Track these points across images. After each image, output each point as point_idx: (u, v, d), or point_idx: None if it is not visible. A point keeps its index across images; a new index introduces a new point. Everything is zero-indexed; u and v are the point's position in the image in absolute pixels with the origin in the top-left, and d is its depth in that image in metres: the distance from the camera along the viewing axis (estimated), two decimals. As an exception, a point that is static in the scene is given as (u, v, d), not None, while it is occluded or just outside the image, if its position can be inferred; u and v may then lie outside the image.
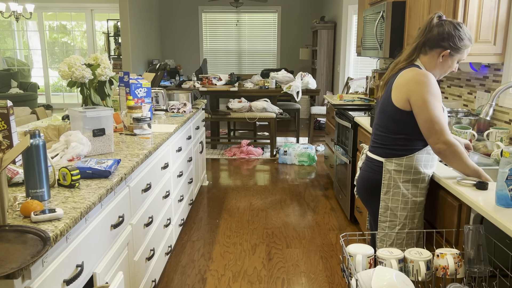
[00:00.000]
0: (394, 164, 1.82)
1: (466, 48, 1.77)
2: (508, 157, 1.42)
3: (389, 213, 1.86)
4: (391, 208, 1.85)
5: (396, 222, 1.85)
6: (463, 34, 1.75)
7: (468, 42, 1.77)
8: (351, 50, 7.00)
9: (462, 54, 1.77)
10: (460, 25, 1.76)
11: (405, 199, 1.83)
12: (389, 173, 1.83)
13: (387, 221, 1.87)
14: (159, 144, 2.38)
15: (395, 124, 1.80)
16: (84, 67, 2.55)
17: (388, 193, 1.85)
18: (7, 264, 1.05)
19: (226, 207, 3.90)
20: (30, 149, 1.40)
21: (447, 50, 1.75)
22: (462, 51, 1.76)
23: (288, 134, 7.11)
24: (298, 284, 2.66)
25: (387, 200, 1.85)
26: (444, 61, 1.78)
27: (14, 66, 9.82)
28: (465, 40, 1.75)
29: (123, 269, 1.83)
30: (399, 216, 1.84)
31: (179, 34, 9.14)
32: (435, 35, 1.75)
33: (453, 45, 1.74)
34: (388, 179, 1.83)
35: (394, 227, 1.86)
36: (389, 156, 1.83)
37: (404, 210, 1.83)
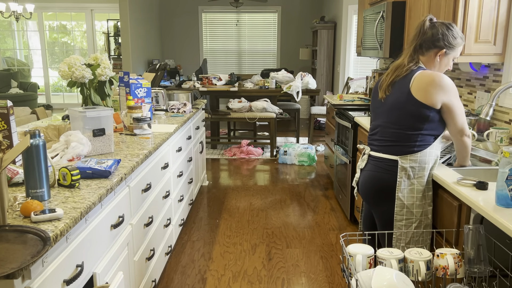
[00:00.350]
0: (409, 160, 1.85)
1: (459, 46, 1.88)
2: (508, 157, 1.42)
3: (405, 211, 1.87)
4: (407, 206, 1.87)
5: (412, 219, 1.87)
6: (455, 33, 1.85)
7: (460, 40, 1.88)
8: (351, 50, 7.00)
9: (456, 52, 1.88)
10: (451, 25, 1.87)
11: (420, 195, 1.86)
12: (404, 171, 1.85)
13: (403, 219, 1.88)
14: (159, 144, 2.38)
15: (414, 119, 1.84)
16: (84, 67, 2.55)
17: (404, 191, 1.87)
18: (7, 264, 1.05)
19: (226, 207, 3.90)
20: (30, 149, 1.40)
21: (443, 50, 1.85)
22: (456, 49, 1.87)
23: (288, 134, 7.11)
24: (298, 284, 2.66)
25: (403, 198, 1.87)
26: (441, 61, 1.88)
27: (14, 66, 9.82)
28: (458, 39, 1.86)
29: (123, 269, 1.82)
30: (415, 213, 1.87)
31: (179, 34, 9.14)
32: (430, 36, 1.85)
33: (448, 44, 1.85)
34: (403, 176, 1.86)
35: (410, 225, 1.88)
36: (403, 154, 1.86)
37: (420, 206, 1.86)
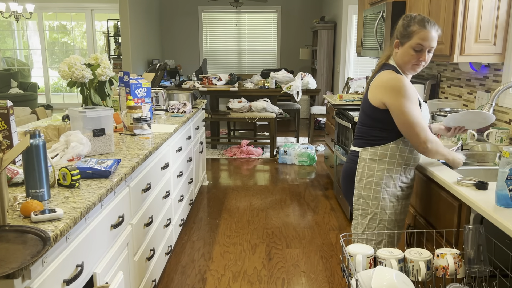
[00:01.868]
0: (369, 152, 1.86)
1: (416, 32, 1.75)
2: (508, 157, 1.42)
3: (361, 201, 1.89)
4: (363, 197, 1.88)
5: (367, 211, 1.88)
6: (409, 21, 1.78)
7: (416, 26, 1.76)
8: (351, 50, 7.00)
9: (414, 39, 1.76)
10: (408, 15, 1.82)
11: (378, 188, 1.85)
12: (363, 162, 1.87)
13: (359, 209, 1.91)
14: (159, 144, 2.38)
15: (369, 119, 1.87)
16: (84, 67, 2.55)
17: (361, 182, 1.88)
18: (7, 264, 1.05)
19: (226, 207, 3.90)
20: (30, 149, 1.40)
21: (396, 40, 1.82)
22: (411, 36, 1.76)
23: (288, 134, 7.11)
24: (298, 284, 2.66)
25: (360, 189, 1.89)
26: (399, 52, 1.81)
27: (14, 66, 9.82)
28: (412, 26, 1.77)
29: (123, 269, 1.82)
30: (371, 205, 1.87)
31: (179, 34, 9.14)
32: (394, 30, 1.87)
33: (399, 33, 1.81)
34: (362, 167, 1.87)
35: (365, 215, 1.89)
36: (365, 146, 1.88)
37: (376, 199, 1.86)
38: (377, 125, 1.85)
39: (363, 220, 1.90)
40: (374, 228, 1.87)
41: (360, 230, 1.91)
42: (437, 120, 2.54)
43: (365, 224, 1.89)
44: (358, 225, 1.93)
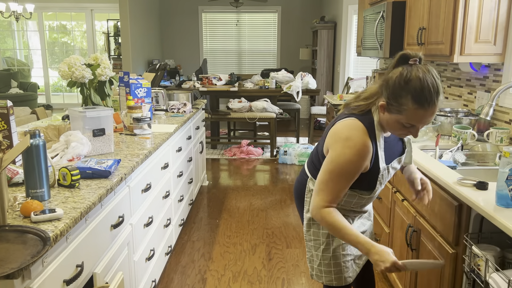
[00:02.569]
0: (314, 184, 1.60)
1: (409, 111, 1.31)
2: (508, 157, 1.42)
3: (312, 231, 1.68)
4: (313, 226, 1.68)
5: (319, 241, 1.67)
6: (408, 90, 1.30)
7: (410, 104, 1.30)
8: (351, 50, 7.00)
9: (404, 117, 1.34)
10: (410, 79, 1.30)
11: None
12: (310, 191, 1.67)
13: (311, 239, 1.70)
14: (159, 144, 2.38)
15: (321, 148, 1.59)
16: (84, 67, 2.55)
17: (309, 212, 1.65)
18: (7, 264, 1.05)
19: (226, 207, 3.90)
20: (30, 149, 1.40)
21: (382, 102, 1.39)
22: (401, 112, 1.33)
23: (288, 134, 7.11)
24: (298, 284, 2.66)
25: (310, 219, 1.68)
26: (385, 117, 1.41)
27: (14, 66, 9.82)
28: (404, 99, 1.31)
29: (123, 269, 1.82)
30: (321, 235, 1.66)
31: (179, 34, 9.14)
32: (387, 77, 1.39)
33: (389, 97, 1.35)
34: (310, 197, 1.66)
35: (318, 246, 1.68)
36: (313, 175, 1.64)
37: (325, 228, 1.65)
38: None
39: (316, 251, 1.69)
40: (330, 258, 1.66)
41: (316, 262, 1.70)
42: (437, 120, 2.54)
43: (320, 256, 1.68)
44: (313, 257, 1.72)
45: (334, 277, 1.69)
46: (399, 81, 1.32)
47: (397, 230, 2.29)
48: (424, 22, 2.81)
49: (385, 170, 1.52)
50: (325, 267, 1.69)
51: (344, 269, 1.69)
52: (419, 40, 2.86)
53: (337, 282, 1.70)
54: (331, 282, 1.71)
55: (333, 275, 1.69)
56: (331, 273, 1.69)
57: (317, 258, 1.70)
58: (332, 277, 1.69)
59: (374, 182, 1.51)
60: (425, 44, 2.79)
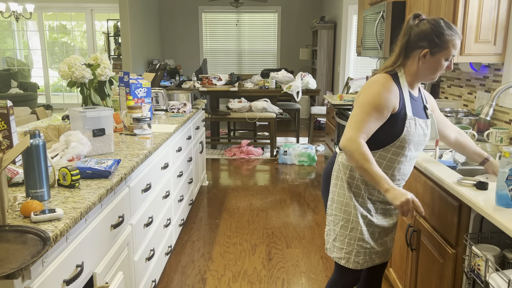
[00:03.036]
0: (344, 157, 1.73)
1: (449, 42, 1.60)
2: (508, 157, 1.42)
3: (334, 207, 1.77)
4: (336, 201, 1.76)
5: (340, 217, 1.75)
6: (441, 28, 1.60)
7: (450, 36, 1.60)
8: (351, 50, 7.00)
9: (448, 50, 1.61)
10: (436, 21, 1.63)
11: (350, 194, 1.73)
12: (338, 165, 1.76)
13: (332, 214, 1.78)
14: (159, 144, 2.38)
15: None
16: (84, 67, 2.55)
17: (336, 185, 1.77)
18: (7, 264, 1.05)
19: (226, 207, 3.90)
20: (30, 149, 1.40)
21: (426, 49, 1.62)
22: (445, 46, 1.61)
23: (288, 134, 7.11)
24: (298, 284, 2.66)
25: (334, 193, 1.77)
26: (427, 62, 1.64)
27: (14, 66, 9.83)
28: (446, 35, 1.60)
29: (123, 269, 1.82)
30: (343, 211, 1.74)
31: (179, 34, 9.14)
32: (413, 36, 1.64)
33: (431, 43, 1.61)
34: (338, 171, 1.76)
35: (337, 222, 1.76)
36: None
37: (348, 205, 1.73)
38: None
39: (334, 226, 1.77)
40: (345, 236, 1.74)
41: (332, 237, 1.79)
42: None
43: (337, 231, 1.76)
44: (330, 232, 1.80)
45: (343, 256, 1.75)
46: (434, 27, 1.61)
47: (397, 230, 2.30)
48: (424, 22, 2.81)
49: (411, 120, 1.65)
50: (338, 243, 1.76)
51: (355, 252, 1.74)
52: (419, 40, 2.85)
53: (345, 261, 1.76)
54: (339, 260, 1.77)
55: (343, 253, 1.75)
56: (341, 250, 1.76)
57: (334, 233, 1.78)
58: (342, 255, 1.75)
59: (402, 126, 1.64)
60: (425, 44, 2.78)
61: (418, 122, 1.67)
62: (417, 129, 1.67)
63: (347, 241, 1.74)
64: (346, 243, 1.75)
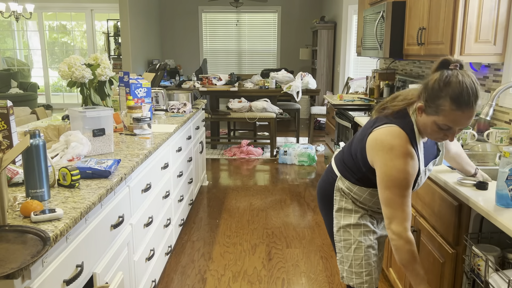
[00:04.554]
0: (345, 185, 1.65)
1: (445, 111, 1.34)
2: (508, 157, 1.42)
3: (342, 231, 1.68)
4: (343, 226, 1.68)
5: (350, 240, 1.67)
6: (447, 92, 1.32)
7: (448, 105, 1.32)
8: (351, 50, 7.00)
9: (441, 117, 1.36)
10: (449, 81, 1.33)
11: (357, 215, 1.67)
12: (339, 192, 1.69)
13: (341, 240, 1.69)
14: (159, 144, 2.38)
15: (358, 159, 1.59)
16: (84, 67, 2.55)
17: (340, 210, 1.69)
18: (7, 264, 1.05)
19: (226, 207, 3.90)
20: (30, 149, 1.40)
21: (420, 104, 1.42)
22: (439, 112, 1.35)
23: (288, 134, 7.11)
24: (298, 284, 2.66)
25: (340, 218, 1.69)
26: (423, 118, 1.43)
27: (14, 66, 9.82)
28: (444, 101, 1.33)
29: (123, 269, 1.82)
30: (353, 234, 1.66)
31: (179, 34, 9.14)
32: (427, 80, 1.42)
33: (427, 98, 1.39)
34: (340, 198, 1.69)
35: (349, 246, 1.67)
36: (345, 177, 1.66)
37: (357, 226, 1.66)
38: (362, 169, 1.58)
39: (347, 252, 1.68)
40: (361, 258, 1.66)
41: (347, 264, 1.69)
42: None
43: (351, 256, 1.67)
44: (343, 259, 1.70)
45: (365, 279, 1.66)
46: (439, 82, 1.35)
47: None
48: (424, 22, 2.81)
49: (423, 173, 1.54)
50: (356, 268, 1.67)
51: (374, 270, 1.68)
52: (419, 40, 2.86)
53: (368, 284, 1.67)
54: (361, 285, 1.68)
55: (364, 276, 1.67)
56: (362, 274, 1.67)
57: (348, 259, 1.68)
58: (364, 279, 1.67)
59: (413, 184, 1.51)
60: (425, 44, 2.79)
61: (428, 168, 1.59)
62: (426, 176, 1.59)
63: (365, 263, 1.66)
64: (365, 265, 1.66)
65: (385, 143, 1.44)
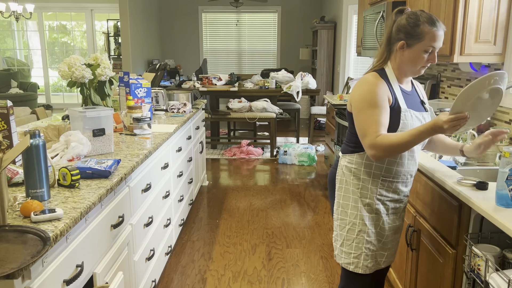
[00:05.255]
0: (346, 160, 1.74)
1: (426, 34, 1.58)
2: (508, 157, 1.42)
3: (340, 211, 1.75)
4: (342, 205, 1.74)
5: (346, 221, 1.73)
6: (417, 20, 1.59)
7: (427, 27, 1.58)
8: (351, 50, 7.00)
9: (425, 41, 1.58)
10: (415, 13, 1.62)
11: (355, 197, 1.71)
12: (341, 169, 1.76)
13: (338, 219, 1.77)
14: (159, 144, 2.38)
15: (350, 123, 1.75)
16: (84, 67, 2.55)
17: (340, 189, 1.76)
18: (7, 264, 1.05)
19: (226, 207, 3.90)
20: (30, 149, 1.40)
21: (402, 41, 1.62)
22: (422, 37, 1.58)
23: (288, 134, 7.11)
24: (298, 284, 2.66)
25: (339, 197, 1.76)
26: (406, 54, 1.63)
27: (14, 66, 9.82)
28: (422, 26, 1.58)
29: (123, 269, 1.82)
30: (349, 215, 1.72)
31: (179, 34, 9.14)
32: (393, 30, 1.65)
33: (407, 34, 1.61)
34: (341, 175, 1.75)
35: (344, 226, 1.74)
36: (344, 152, 1.76)
37: (354, 208, 1.71)
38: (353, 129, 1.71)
39: (341, 231, 1.75)
40: (353, 240, 1.71)
41: (339, 242, 1.76)
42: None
43: (344, 236, 1.74)
44: (337, 237, 1.77)
45: (352, 261, 1.72)
46: (410, 19, 1.62)
47: (397, 230, 2.29)
48: (424, 22, 2.81)
49: (406, 112, 1.65)
50: (346, 247, 1.74)
51: (364, 255, 1.71)
52: (419, 40, 2.85)
53: (353, 266, 1.72)
54: (347, 265, 1.74)
55: (352, 258, 1.72)
56: (350, 255, 1.73)
57: (341, 238, 1.75)
58: (350, 260, 1.72)
59: (398, 120, 1.63)
60: (425, 44, 2.78)
61: (414, 114, 1.66)
62: (413, 121, 1.65)
63: (355, 245, 1.71)
64: (354, 247, 1.71)
65: (359, 83, 1.66)
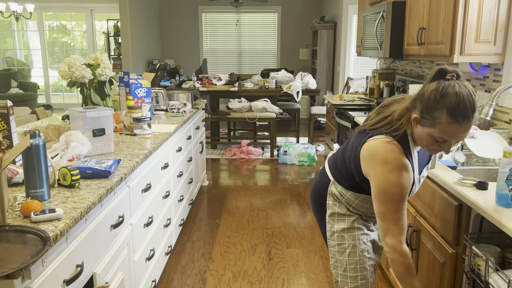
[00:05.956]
0: (338, 190, 1.64)
1: (441, 123, 1.29)
2: (508, 157, 1.42)
3: (336, 236, 1.67)
4: (337, 231, 1.66)
5: (345, 245, 1.65)
6: (439, 100, 1.28)
7: (445, 116, 1.28)
8: (351, 50, 7.00)
9: (437, 130, 1.31)
10: (445, 88, 1.29)
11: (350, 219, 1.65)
12: (332, 196, 1.67)
13: (335, 245, 1.68)
14: (159, 144, 2.38)
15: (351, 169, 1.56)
16: (84, 67, 2.55)
17: (333, 215, 1.67)
18: (7, 264, 1.05)
19: (226, 207, 3.90)
20: (30, 149, 1.40)
21: (416, 115, 1.37)
22: (435, 124, 1.31)
23: (288, 134, 7.11)
24: (298, 284, 2.66)
25: (333, 223, 1.67)
26: (418, 129, 1.38)
27: (14, 66, 9.82)
28: (439, 112, 1.28)
29: (123, 269, 1.82)
30: (347, 238, 1.64)
31: (179, 34, 9.14)
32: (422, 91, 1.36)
33: (423, 109, 1.34)
34: (333, 202, 1.67)
35: (343, 250, 1.65)
36: (337, 181, 1.64)
37: (351, 230, 1.64)
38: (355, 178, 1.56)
39: (341, 256, 1.66)
40: (356, 262, 1.65)
41: (341, 268, 1.67)
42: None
43: (346, 261, 1.66)
44: (337, 263, 1.69)
45: (361, 283, 1.65)
46: (435, 94, 1.30)
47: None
48: (424, 22, 2.81)
49: (417, 181, 1.52)
50: (351, 272, 1.66)
51: (370, 273, 1.66)
52: (419, 40, 2.86)
53: None
54: None
55: (359, 280, 1.65)
56: (357, 278, 1.65)
57: (342, 264, 1.67)
58: (358, 283, 1.65)
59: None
60: (425, 44, 2.79)
61: (422, 175, 1.57)
62: (420, 183, 1.57)
63: (360, 267, 1.65)
64: (360, 269, 1.65)
65: (379, 156, 1.40)
